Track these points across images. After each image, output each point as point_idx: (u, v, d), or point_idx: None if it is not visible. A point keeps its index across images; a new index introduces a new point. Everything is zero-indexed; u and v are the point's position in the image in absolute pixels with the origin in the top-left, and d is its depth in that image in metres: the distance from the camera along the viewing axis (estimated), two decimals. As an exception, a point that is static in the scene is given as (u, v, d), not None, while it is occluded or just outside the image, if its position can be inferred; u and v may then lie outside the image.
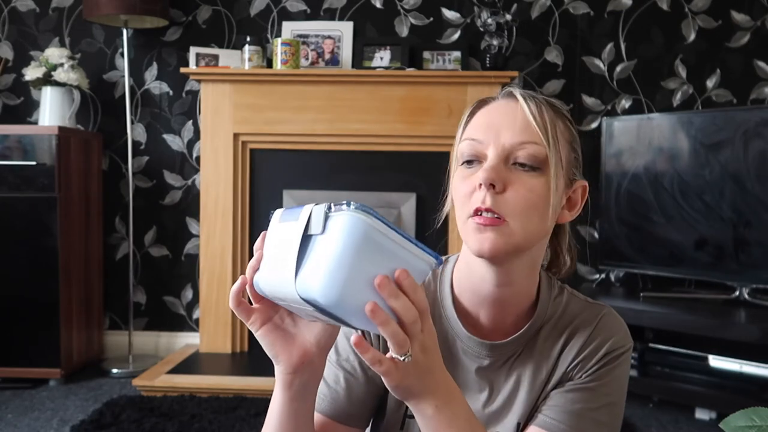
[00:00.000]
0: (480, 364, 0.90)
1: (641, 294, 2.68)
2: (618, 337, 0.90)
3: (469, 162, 0.85)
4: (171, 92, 3.08)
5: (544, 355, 0.90)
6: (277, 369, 0.75)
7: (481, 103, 0.89)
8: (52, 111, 2.86)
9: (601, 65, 3.00)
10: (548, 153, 0.82)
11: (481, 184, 0.81)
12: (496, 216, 0.80)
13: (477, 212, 0.81)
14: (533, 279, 0.90)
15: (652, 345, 2.62)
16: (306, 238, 0.64)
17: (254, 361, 2.82)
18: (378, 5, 3.03)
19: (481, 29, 2.93)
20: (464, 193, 0.84)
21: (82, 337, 2.84)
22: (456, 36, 3.01)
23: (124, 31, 2.90)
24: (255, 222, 2.94)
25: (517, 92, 0.86)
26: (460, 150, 0.87)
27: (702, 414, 2.42)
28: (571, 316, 0.92)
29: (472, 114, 0.89)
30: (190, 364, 2.75)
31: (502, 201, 0.81)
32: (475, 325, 0.91)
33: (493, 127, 0.84)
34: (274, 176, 2.93)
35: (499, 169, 0.81)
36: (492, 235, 0.81)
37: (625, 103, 3.00)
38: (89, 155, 2.91)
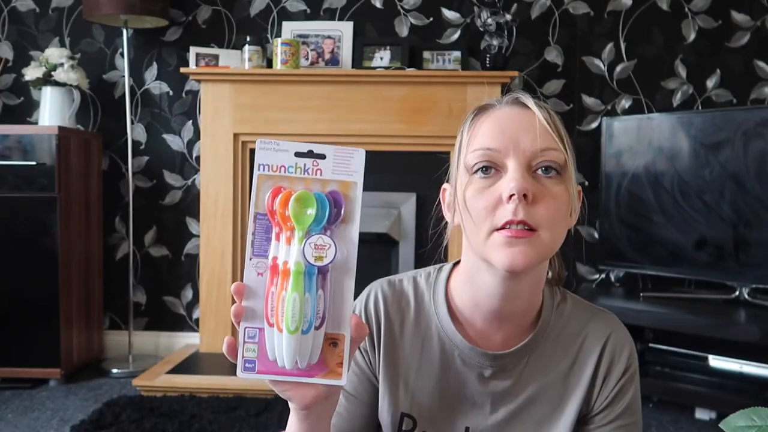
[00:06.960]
0: (481, 372, 0.89)
1: (641, 294, 2.68)
2: (629, 352, 0.90)
3: (485, 172, 0.81)
4: (171, 92, 3.08)
5: (557, 369, 0.89)
6: (291, 406, 0.73)
7: (483, 110, 0.85)
8: (52, 111, 2.86)
9: (601, 65, 3.00)
10: (566, 158, 0.81)
11: (511, 196, 0.77)
12: (527, 228, 0.77)
13: (506, 225, 0.78)
14: (538, 292, 0.89)
15: (652, 345, 2.62)
16: None
17: (254, 361, 2.82)
18: (378, 5, 3.03)
19: (481, 29, 2.93)
20: (485, 207, 0.80)
21: (81, 337, 2.84)
22: (456, 36, 3.01)
23: (124, 31, 2.90)
24: (255, 222, 2.94)
25: (525, 99, 0.84)
26: (470, 160, 0.82)
27: (702, 414, 2.42)
28: (579, 325, 0.91)
29: (474, 122, 0.85)
30: (190, 364, 2.75)
31: (534, 212, 0.78)
32: (476, 335, 0.90)
33: (508, 134, 0.80)
34: (274, 176, 2.92)
35: (527, 178, 0.78)
36: (525, 248, 0.77)
37: (625, 103, 3.00)
38: (89, 155, 2.91)
